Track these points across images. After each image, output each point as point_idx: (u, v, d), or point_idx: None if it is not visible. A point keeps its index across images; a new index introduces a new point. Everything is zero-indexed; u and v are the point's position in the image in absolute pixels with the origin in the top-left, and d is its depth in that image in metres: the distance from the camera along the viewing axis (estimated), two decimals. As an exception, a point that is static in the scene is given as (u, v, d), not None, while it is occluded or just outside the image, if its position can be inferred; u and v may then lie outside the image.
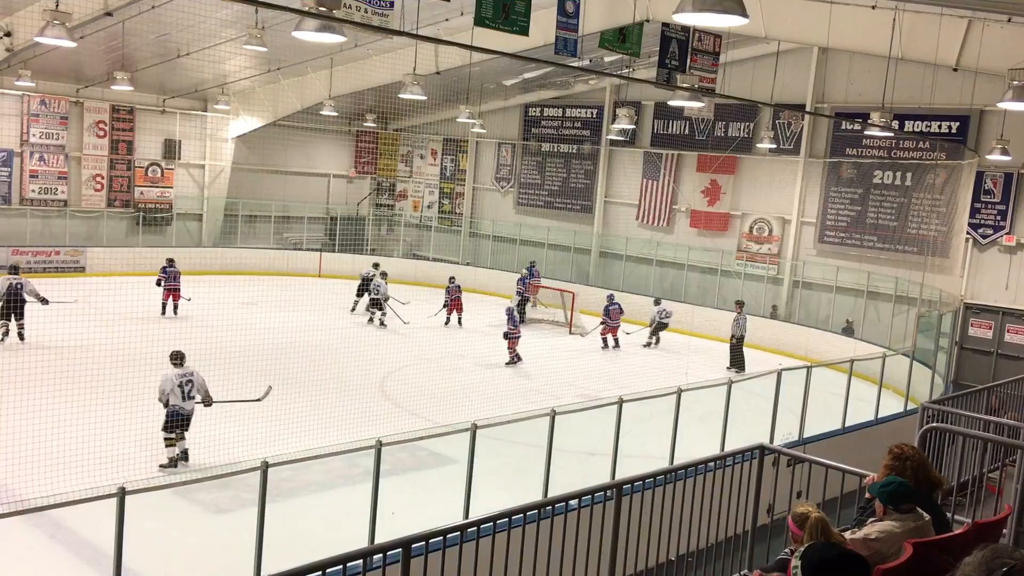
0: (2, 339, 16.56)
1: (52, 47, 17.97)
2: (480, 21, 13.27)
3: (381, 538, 7.88)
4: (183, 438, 11.29)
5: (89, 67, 24.33)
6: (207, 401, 11.44)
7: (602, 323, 21.42)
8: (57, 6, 13.92)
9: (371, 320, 22.04)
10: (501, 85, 27.94)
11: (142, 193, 28.16)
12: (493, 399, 14.79)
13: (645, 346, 22.01)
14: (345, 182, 33.57)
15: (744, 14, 6.12)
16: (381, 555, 5.04)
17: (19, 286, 16.34)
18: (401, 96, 19.71)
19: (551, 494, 9.20)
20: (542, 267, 26.66)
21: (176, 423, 11.10)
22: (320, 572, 4.58)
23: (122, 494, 6.31)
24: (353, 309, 23.47)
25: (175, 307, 21.09)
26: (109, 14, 15.93)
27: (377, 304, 21.90)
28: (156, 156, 28.38)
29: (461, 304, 22.86)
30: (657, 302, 22.52)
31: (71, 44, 14.56)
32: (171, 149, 28.60)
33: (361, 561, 4.83)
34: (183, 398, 11.09)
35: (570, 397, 15.31)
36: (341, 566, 4.70)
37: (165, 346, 15.90)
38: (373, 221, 33.71)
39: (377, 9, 13.38)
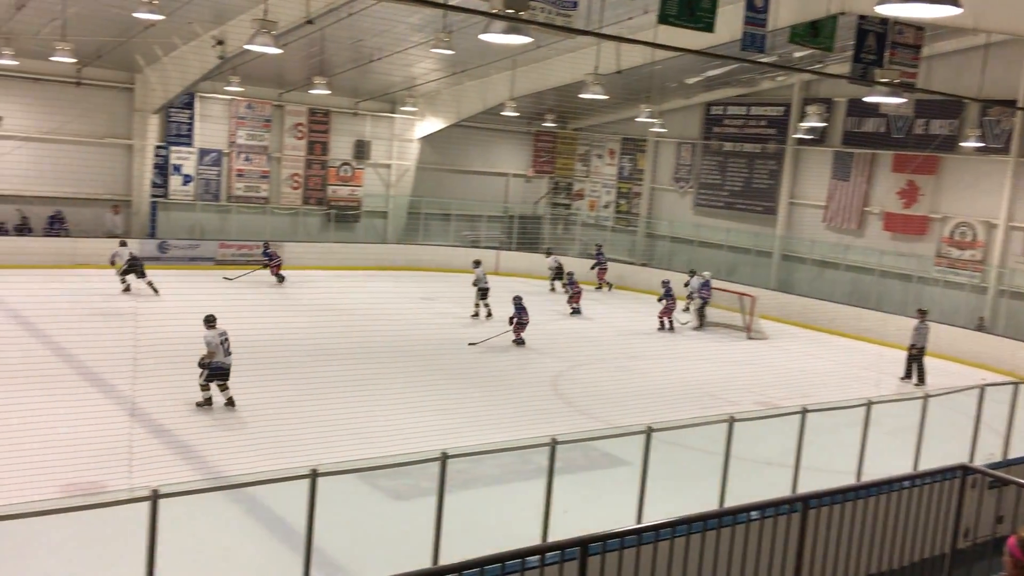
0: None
1: (259, 54, 19.28)
2: (664, 18, 13.07)
3: (553, 535, 7.92)
4: (227, 387, 12.44)
5: (291, 73, 25.90)
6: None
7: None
8: (265, 15, 14.89)
9: (475, 315, 22.01)
10: (683, 83, 27.47)
11: (334, 191, 29.71)
12: (666, 402, 14.56)
13: (684, 324, 22.53)
14: (523, 181, 34.04)
15: (957, 3, 5.70)
16: (558, 552, 5.05)
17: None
18: (581, 96, 19.75)
19: (727, 503, 8.95)
20: (720, 270, 25.98)
21: (218, 375, 12.36)
22: (499, 564, 4.64)
23: (314, 476, 6.66)
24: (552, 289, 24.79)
25: (280, 278, 23.84)
26: (310, 22, 16.87)
27: (484, 295, 22.01)
28: (347, 156, 29.85)
29: (580, 294, 23.39)
30: (692, 273, 23.41)
31: (277, 51, 15.55)
32: (362, 149, 29.99)
33: (539, 557, 4.86)
34: (224, 354, 12.39)
35: (748, 404, 14.84)
36: (520, 560, 4.75)
37: (355, 335, 16.70)
38: (550, 220, 34.02)
39: (561, 9, 13.45)
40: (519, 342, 18.58)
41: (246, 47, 16.40)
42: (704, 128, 29.63)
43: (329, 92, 24.95)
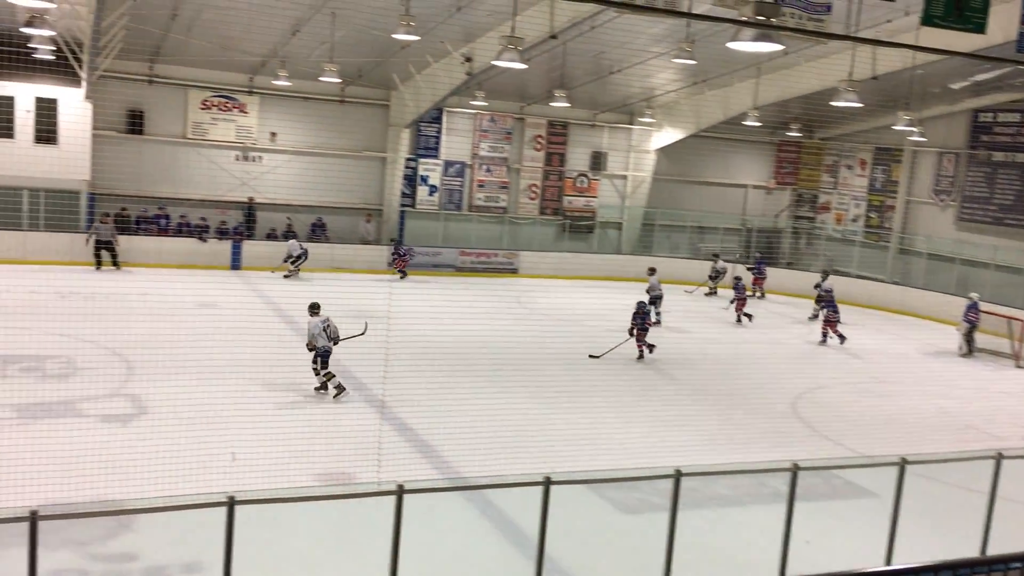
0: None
1: (504, 69, 19.95)
2: (928, 20, 12.08)
3: (793, 567, 7.53)
4: (320, 372, 12.97)
5: (532, 86, 26.60)
6: (337, 339, 13.19)
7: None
8: (513, 32, 15.38)
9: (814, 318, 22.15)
10: (947, 89, 25.35)
11: (570, 202, 30.15)
12: (919, 432, 13.47)
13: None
14: (763, 193, 32.87)
15: None
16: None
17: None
18: (833, 103, 18.74)
19: (990, 551, 8.11)
20: (987, 291, 23.69)
21: (325, 361, 12.97)
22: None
23: (547, 483, 6.73)
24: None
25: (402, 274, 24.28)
26: (554, 36, 17.23)
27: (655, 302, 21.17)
28: (584, 167, 30.20)
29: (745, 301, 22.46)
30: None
31: (522, 66, 16.02)
32: (598, 161, 30.24)
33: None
34: (327, 339, 12.93)
35: (1017, 440, 13.41)
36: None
37: (587, 345, 16.79)
38: (791, 233, 32.60)
39: (813, 14, 12.83)
40: (647, 348, 17.32)
41: (493, 63, 17.02)
42: (970, 137, 27.18)
43: (568, 105, 25.36)
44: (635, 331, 17.16)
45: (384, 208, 27.56)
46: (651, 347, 17.35)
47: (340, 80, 23.28)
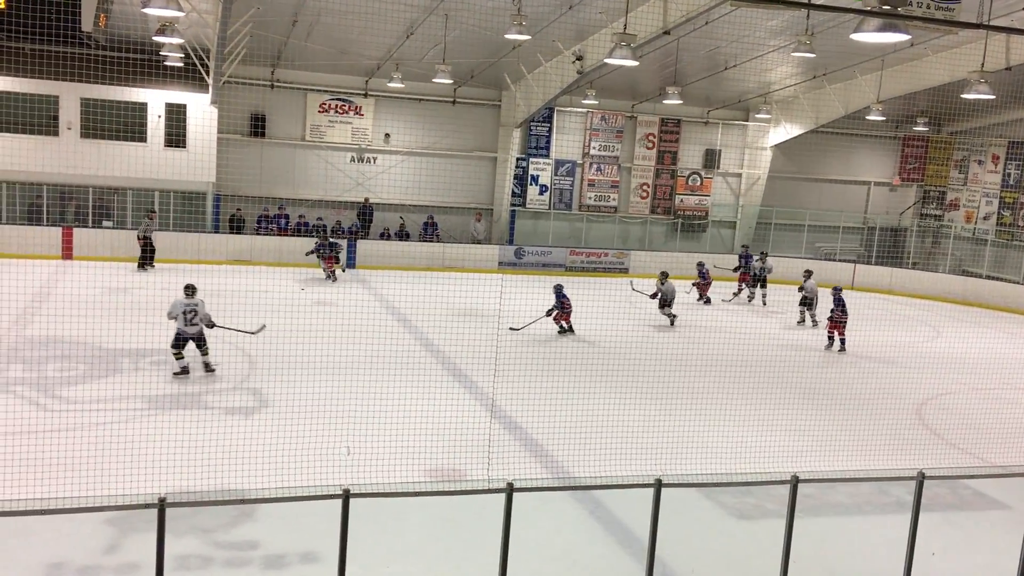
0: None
1: (615, 67, 19.81)
2: (1072, 3, 11.37)
3: (918, 580, 7.19)
4: (182, 356, 13.12)
5: (644, 83, 26.32)
6: (210, 324, 13.31)
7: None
8: (625, 29, 15.24)
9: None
10: (1089, 77, 23.80)
11: (681, 200, 29.69)
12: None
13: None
14: (887, 190, 31.58)
15: None
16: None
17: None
18: (964, 96, 17.84)
19: None
20: None
21: (180, 343, 13.09)
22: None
23: (658, 486, 6.62)
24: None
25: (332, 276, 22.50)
26: (667, 32, 16.98)
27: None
28: (696, 165, 29.69)
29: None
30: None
31: (634, 63, 15.85)
32: (711, 158, 29.67)
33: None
34: (185, 323, 13.03)
35: None
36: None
37: (700, 346, 16.51)
38: (916, 232, 31.20)
39: (942, 3, 12.26)
40: (564, 331, 17.72)
41: (605, 61, 16.91)
42: (1116, 128, 25.44)
43: (681, 101, 24.98)
44: (554, 312, 17.52)
45: (494, 207, 27.78)
46: (569, 329, 17.66)
47: (452, 81, 23.57)
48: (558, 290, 17.71)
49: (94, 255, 22.05)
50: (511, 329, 16.74)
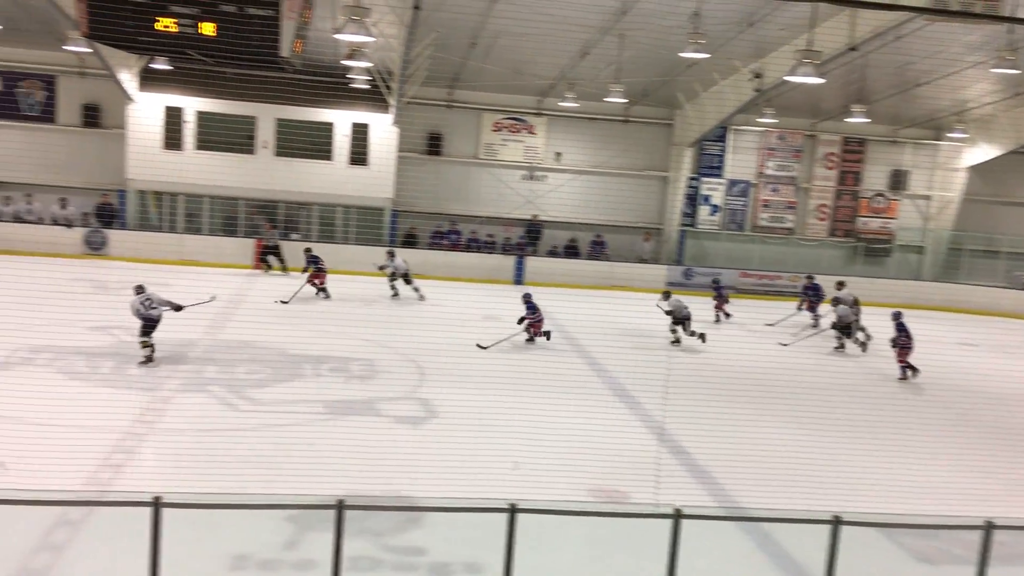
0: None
1: (795, 85, 19.16)
2: None
3: None
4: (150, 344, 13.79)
5: (826, 101, 25.32)
6: (176, 307, 14.17)
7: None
8: (810, 45, 14.72)
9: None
10: None
11: (864, 223, 28.30)
12: None
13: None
14: (1100, 216, 28.90)
15: None
16: None
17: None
18: None
19: None
20: None
21: (147, 329, 13.80)
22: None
23: (836, 523, 6.29)
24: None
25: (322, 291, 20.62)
26: (854, 48, 16.28)
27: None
28: (882, 186, 28.22)
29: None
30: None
31: (819, 81, 15.27)
32: (898, 179, 28.13)
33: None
34: (146, 311, 13.83)
35: None
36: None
37: (879, 376, 15.63)
38: None
39: None
40: (532, 340, 17.15)
41: (785, 78, 16.39)
42: None
43: (867, 120, 23.82)
44: (527, 321, 17.01)
45: (664, 227, 27.46)
46: (543, 334, 17.17)
47: (625, 100, 23.51)
48: (527, 299, 17.37)
49: (281, 265, 23.42)
50: (479, 346, 16.23)
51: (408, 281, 21.18)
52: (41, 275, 16.08)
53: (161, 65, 22.97)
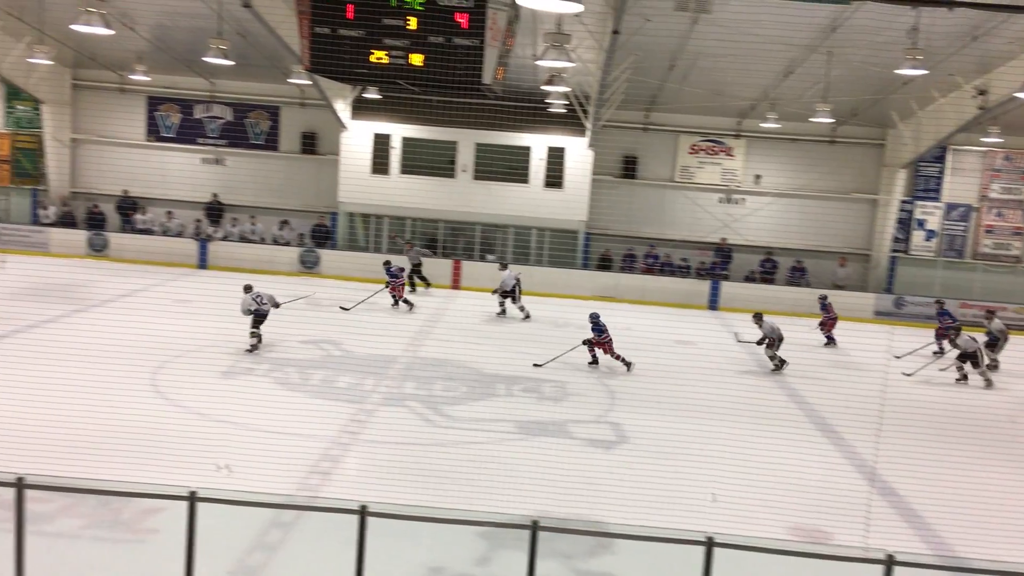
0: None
1: (1021, 102, 17.65)
2: None
3: None
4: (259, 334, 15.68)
5: (1061, 118, 23.12)
6: (276, 304, 16.18)
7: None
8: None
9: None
10: None
11: (1105, 252, 25.54)
12: None
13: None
14: None
15: None
16: None
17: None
18: None
19: None
20: None
21: (257, 322, 15.70)
22: None
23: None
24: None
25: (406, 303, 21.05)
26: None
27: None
28: None
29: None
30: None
31: (1052, 95, 13.97)
32: None
33: None
34: (257, 306, 15.74)
35: None
36: None
37: None
38: None
39: None
40: (596, 362, 16.30)
41: (1016, 95, 15.11)
42: None
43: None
44: (592, 342, 16.25)
45: (872, 253, 25.96)
46: (620, 360, 16.07)
47: (832, 119, 22.50)
48: (594, 318, 16.36)
49: (477, 286, 24.08)
50: (535, 365, 15.90)
51: (516, 299, 21.03)
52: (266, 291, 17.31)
53: (371, 95, 24.35)
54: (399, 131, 25.40)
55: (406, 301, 21.07)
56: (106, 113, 26.80)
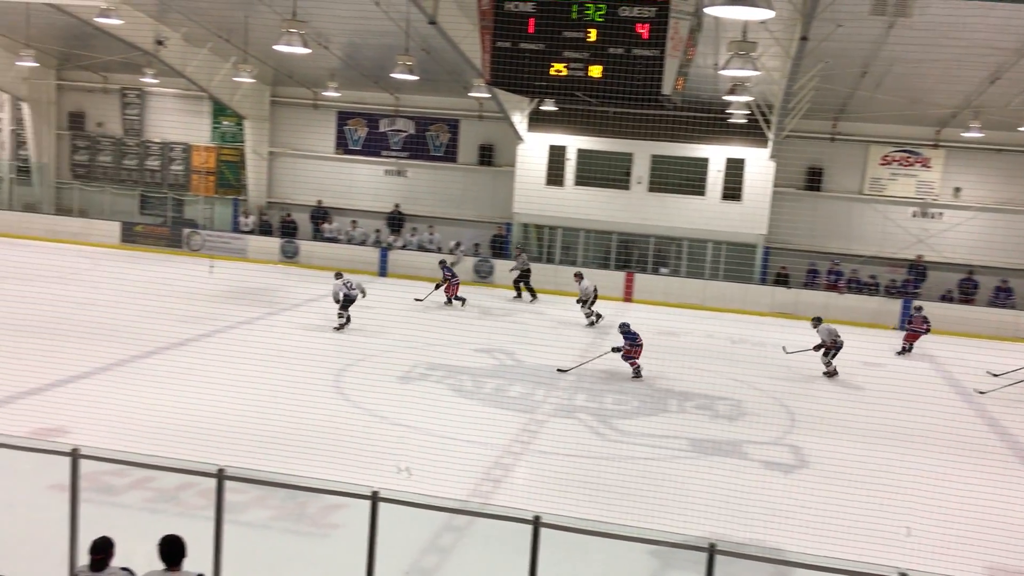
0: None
1: None
2: None
3: None
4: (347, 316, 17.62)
5: None
6: (363, 293, 17.87)
7: None
8: None
9: None
10: None
11: None
12: None
13: None
14: None
15: None
16: None
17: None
18: None
19: None
20: None
21: (346, 305, 17.56)
22: None
23: None
24: None
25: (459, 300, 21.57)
26: None
27: None
28: None
29: None
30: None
31: None
32: None
33: None
34: (348, 291, 17.58)
35: None
36: None
37: None
38: None
39: None
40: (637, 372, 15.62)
41: None
42: None
43: None
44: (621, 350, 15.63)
45: (1087, 273, 23.63)
46: (633, 368, 15.63)
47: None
48: (624, 328, 15.71)
49: (651, 299, 23.78)
50: (559, 371, 15.48)
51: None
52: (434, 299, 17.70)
53: (548, 107, 24.57)
54: (574, 143, 25.49)
55: (459, 298, 21.49)
56: (300, 127, 28.49)
